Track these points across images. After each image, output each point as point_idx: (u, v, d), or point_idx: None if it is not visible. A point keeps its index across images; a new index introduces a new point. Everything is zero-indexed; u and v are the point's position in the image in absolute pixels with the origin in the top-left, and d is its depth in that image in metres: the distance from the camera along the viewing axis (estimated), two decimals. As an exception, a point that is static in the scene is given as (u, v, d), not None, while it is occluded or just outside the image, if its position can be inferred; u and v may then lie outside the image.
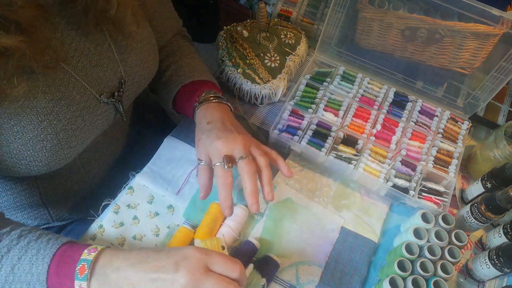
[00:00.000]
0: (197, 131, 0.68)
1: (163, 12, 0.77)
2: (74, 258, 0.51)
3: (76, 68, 0.58)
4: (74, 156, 0.62)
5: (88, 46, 0.59)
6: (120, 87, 0.66)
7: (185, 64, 0.78)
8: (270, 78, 0.85)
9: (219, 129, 0.65)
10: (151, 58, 0.70)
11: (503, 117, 0.90)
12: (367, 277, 0.69)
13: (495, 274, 0.66)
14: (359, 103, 0.84)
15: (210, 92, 0.72)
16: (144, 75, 0.70)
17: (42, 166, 0.58)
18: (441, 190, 0.75)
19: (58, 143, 0.57)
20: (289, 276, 0.67)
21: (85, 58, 0.59)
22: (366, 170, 0.75)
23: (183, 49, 0.82)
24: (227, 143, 0.62)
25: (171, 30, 0.82)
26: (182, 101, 0.75)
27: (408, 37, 0.82)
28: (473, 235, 0.76)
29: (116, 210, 0.70)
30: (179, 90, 0.74)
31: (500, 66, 0.75)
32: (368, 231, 0.73)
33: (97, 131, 0.65)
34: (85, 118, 0.61)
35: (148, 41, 0.69)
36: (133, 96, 0.71)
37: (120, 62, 0.64)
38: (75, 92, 0.58)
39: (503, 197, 0.66)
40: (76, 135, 0.60)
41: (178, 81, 0.75)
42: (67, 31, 0.56)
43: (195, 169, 0.76)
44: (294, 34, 0.91)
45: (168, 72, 0.78)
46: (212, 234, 0.67)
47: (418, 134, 0.81)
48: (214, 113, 0.68)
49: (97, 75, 0.61)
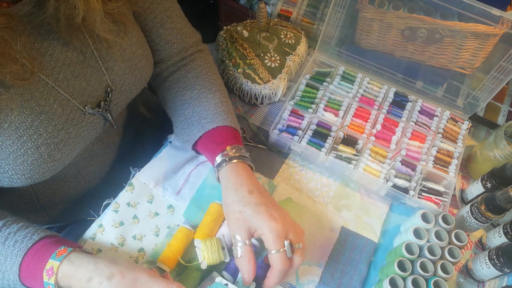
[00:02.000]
0: (232, 198, 0.60)
1: (175, 22, 0.71)
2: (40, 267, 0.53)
3: (57, 79, 0.55)
4: (61, 167, 0.60)
5: (70, 55, 0.56)
6: (107, 96, 0.62)
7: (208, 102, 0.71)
8: (270, 78, 0.85)
9: (268, 206, 0.58)
10: (142, 65, 0.66)
11: (503, 117, 0.90)
12: (367, 277, 0.69)
13: (495, 274, 0.66)
14: (359, 103, 0.84)
15: (235, 148, 0.65)
16: (134, 82, 0.66)
17: (25, 179, 0.57)
18: (441, 190, 0.75)
19: (40, 157, 0.56)
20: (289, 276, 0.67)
21: (67, 68, 0.56)
22: (366, 170, 0.75)
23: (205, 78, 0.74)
24: (284, 226, 0.57)
25: (184, 41, 0.73)
26: (204, 148, 0.69)
27: (408, 37, 0.82)
28: (473, 235, 0.76)
29: (116, 208, 0.70)
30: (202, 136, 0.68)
31: (500, 66, 0.75)
32: (368, 231, 0.73)
33: (84, 141, 0.63)
34: (69, 130, 0.58)
35: (139, 47, 0.65)
36: (123, 103, 0.67)
37: (106, 70, 0.61)
38: (57, 105, 0.56)
39: (503, 197, 0.65)
40: (60, 148, 0.58)
41: (200, 124, 0.68)
42: (48, 41, 0.53)
43: (195, 169, 0.76)
44: (294, 34, 0.91)
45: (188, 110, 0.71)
46: (212, 234, 0.67)
47: (418, 134, 0.81)
48: (247, 179, 0.62)
49: (80, 85, 0.58)
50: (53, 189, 0.73)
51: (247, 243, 0.58)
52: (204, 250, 0.64)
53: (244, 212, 0.58)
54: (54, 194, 0.74)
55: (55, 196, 0.74)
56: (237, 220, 0.59)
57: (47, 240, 0.55)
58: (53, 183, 0.72)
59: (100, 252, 0.66)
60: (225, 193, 0.62)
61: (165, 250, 0.66)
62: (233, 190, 0.61)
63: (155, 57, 0.71)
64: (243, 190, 0.60)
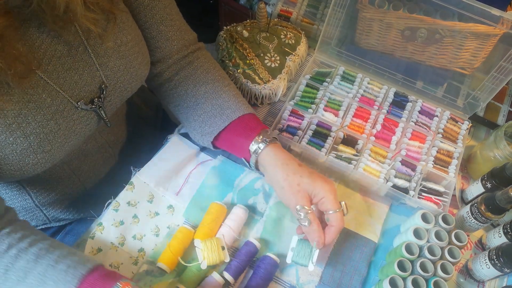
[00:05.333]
0: (287, 172, 0.63)
1: (174, 19, 0.71)
2: None
3: (46, 70, 0.55)
4: (53, 161, 0.60)
5: (60, 48, 0.56)
6: (101, 92, 0.62)
7: (226, 94, 0.72)
8: (270, 78, 0.85)
9: (317, 173, 0.64)
10: (137, 62, 0.65)
11: (503, 117, 0.90)
12: (367, 277, 0.69)
13: (495, 274, 0.66)
14: (359, 103, 0.84)
15: (267, 131, 0.69)
16: (129, 80, 0.66)
17: (15, 171, 0.56)
18: (441, 190, 0.75)
19: (29, 147, 0.55)
20: (289, 276, 0.67)
21: (56, 61, 0.56)
22: (366, 170, 0.75)
23: (215, 73, 0.75)
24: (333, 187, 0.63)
25: (183, 38, 0.73)
26: (231, 137, 0.70)
27: (408, 37, 0.82)
28: (473, 235, 0.76)
29: (116, 207, 0.70)
30: (228, 125, 0.70)
31: (500, 66, 0.75)
32: (368, 231, 0.73)
33: (77, 136, 0.62)
34: (59, 122, 0.58)
35: (135, 44, 0.64)
36: (118, 101, 0.67)
37: (100, 66, 0.60)
38: (45, 95, 0.55)
39: (503, 197, 0.65)
40: (50, 139, 0.57)
41: (225, 114, 0.70)
42: (37, 34, 0.53)
43: (195, 169, 0.76)
44: (294, 34, 0.91)
45: (206, 104, 0.72)
46: (212, 234, 0.67)
47: (418, 134, 0.81)
48: (290, 156, 0.66)
49: (72, 79, 0.58)
50: (47, 188, 0.73)
51: (310, 211, 0.62)
52: (204, 250, 0.64)
53: (302, 182, 0.62)
54: (49, 193, 0.74)
55: (50, 195, 0.74)
56: (298, 192, 0.62)
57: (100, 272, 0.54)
58: (47, 182, 0.72)
59: (100, 251, 0.66)
60: (274, 172, 0.65)
61: (165, 250, 0.66)
62: (284, 166, 0.64)
63: (156, 55, 0.71)
64: (294, 163, 0.64)
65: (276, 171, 0.64)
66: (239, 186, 0.75)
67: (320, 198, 0.62)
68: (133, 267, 0.66)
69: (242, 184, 0.75)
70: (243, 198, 0.74)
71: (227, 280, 0.64)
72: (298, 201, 0.62)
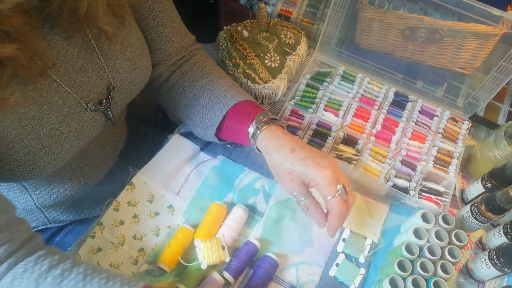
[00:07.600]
0: (279, 161, 0.61)
1: (174, 21, 0.72)
2: None
3: (58, 72, 0.56)
4: (61, 163, 0.60)
5: (71, 50, 0.56)
6: (109, 93, 0.63)
7: (221, 85, 0.72)
8: (270, 78, 0.85)
9: (313, 157, 0.59)
10: (141, 64, 0.67)
11: (503, 117, 0.90)
12: (367, 277, 0.69)
13: (495, 274, 0.66)
14: (359, 103, 0.84)
15: (262, 114, 0.66)
16: (134, 81, 0.67)
17: (27, 172, 0.57)
18: (441, 190, 0.75)
19: (42, 149, 0.56)
20: (289, 276, 0.67)
21: (68, 63, 0.56)
22: (366, 170, 0.75)
23: (211, 68, 0.76)
24: (334, 172, 0.58)
25: (183, 40, 0.74)
26: (231, 126, 0.69)
27: (408, 37, 0.82)
28: (473, 235, 0.76)
29: (116, 207, 0.70)
30: (226, 114, 0.69)
31: (500, 66, 0.75)
32: (368, 231, 0.73)
33: (85, 137, 0.63)
34: (70, 124, 0.59)
35: (139, 46, 0.66)
36: (124, 102, 0.68)
37: (107, 67, 0.61)
38: (57, 97, 0.56)
39: (503, 197, 0.65)
40: (61, 141, 0.58)
41: (221, 104, 0.69)
42: (50, 35, 0.54)
43: (195, 169, 0.76)
44: (294, 34, 0.91)
45: (203, 97, 0.71)
46: (212, 234, 0.67)
47: (418, 134, 0.81)
48: (285, 138, 0.62)
49: (82, 80, 0.59)
50: (48, 190, 0.73)
51: (308, 196, 0.60)
52: (204, 250, 0.64)
53: (294, 171, 0.59)
54: (50, 194, 0.74)
55: (51, 196, 0.74)
56: (291, 180, 0.60)
57: None
58: (48, 184, 0.72)
59: (100, 251, 0.66)
60: (269, 159, 0.63)
61: (165, 250, 0.66)
62: (276, 154, 0.61)
63: (156, 57, 0.72)
64: (285, 150, 0.61)
65: (269, 159, 0.63)
66: (239, 186, 0.75)
67: (315, 185, 0.60)
68: (133, 267, 0.66)
69: (242, 184, 0.75)
70: (243, 198, 0.74)
71: (227, 280, 0.64)
72: (293, 189, 0.61)
